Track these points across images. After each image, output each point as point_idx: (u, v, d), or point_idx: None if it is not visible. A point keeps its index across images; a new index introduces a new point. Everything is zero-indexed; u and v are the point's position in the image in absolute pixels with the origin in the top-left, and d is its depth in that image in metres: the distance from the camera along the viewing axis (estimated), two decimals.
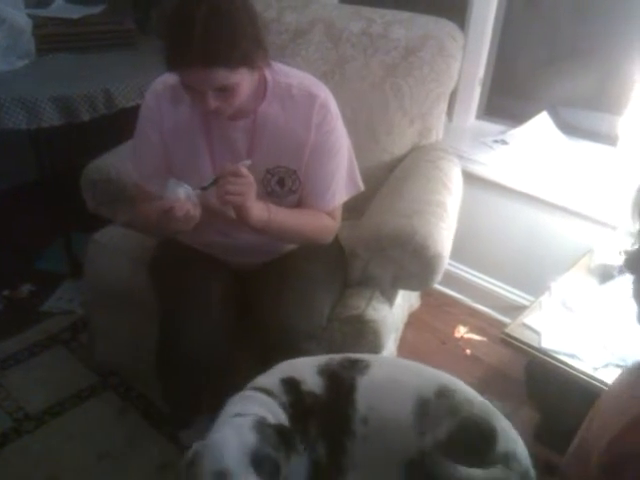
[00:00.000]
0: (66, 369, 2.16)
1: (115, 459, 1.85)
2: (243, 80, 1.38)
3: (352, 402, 1.28)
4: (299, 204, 1.62)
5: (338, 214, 1.67)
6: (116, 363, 2.10)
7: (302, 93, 1.53)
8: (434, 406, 1.24)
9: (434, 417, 1.23)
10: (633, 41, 2.08)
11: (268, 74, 1.53)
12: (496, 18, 2.32)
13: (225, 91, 1.37)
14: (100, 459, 1.85)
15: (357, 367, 1.32)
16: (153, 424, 1.96)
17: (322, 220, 1.63)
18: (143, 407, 2.02)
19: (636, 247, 0.97)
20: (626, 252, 1.04)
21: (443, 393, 1.26)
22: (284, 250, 1.68)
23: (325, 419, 1.28)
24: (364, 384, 1.29)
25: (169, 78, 1.51)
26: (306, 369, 1.33)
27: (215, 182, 1.41)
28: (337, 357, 1.37)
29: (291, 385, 1.30)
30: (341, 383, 1.30)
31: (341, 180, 1.62)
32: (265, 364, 1.38)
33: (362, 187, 1.68)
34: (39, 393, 2.06)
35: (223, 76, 1.32)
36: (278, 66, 1.57)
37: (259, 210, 1.47)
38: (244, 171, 1.40)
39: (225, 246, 1.64)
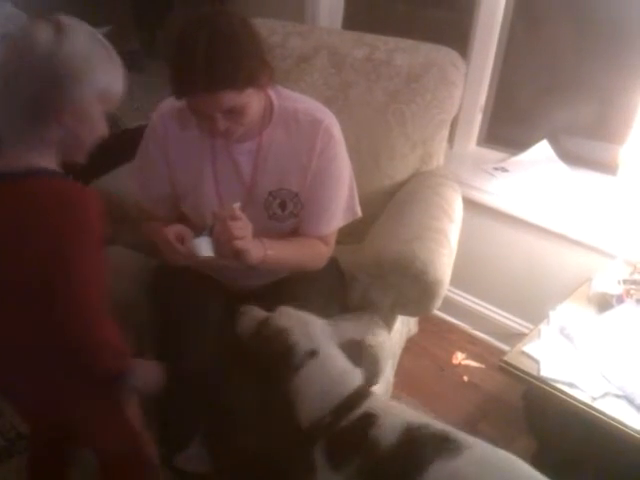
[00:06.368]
0: None
1: None
2: (251, 100, 1.38)
3: None
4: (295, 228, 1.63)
5: (332, 239, 1.67)
6: None
7: (307, 118, 1.54)
8: None
9: None
10: (634, 71, 2.10)
11: (275, 99, 1.54)
12: (498, 47, 2.35)
13: (234, 112, 1.37)
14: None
15: (443, 447, 1.15)
16: None
17: (315, 248, 1.63)
18: None
19: None
20: None
21: None
22: (280, 273, 1.68)
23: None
24: (438, 471, 1.13)
25: (176, 100, 1.53)
26: (395, 416, 1.23)
27: (212, 229, 1.40)
28: (438, 426, 1.22)
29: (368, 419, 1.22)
30: (414, 454, 1.16)
31: (339, 206, 1.62)
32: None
33: (359, 213, 1.68)
34: None
35: (230, 98, 1.33)
36: (285, 91, 1.58)
37: (256, 248, 1.46)
38: (239, 213, 1.40)
39: (223, 269, 1.64)
